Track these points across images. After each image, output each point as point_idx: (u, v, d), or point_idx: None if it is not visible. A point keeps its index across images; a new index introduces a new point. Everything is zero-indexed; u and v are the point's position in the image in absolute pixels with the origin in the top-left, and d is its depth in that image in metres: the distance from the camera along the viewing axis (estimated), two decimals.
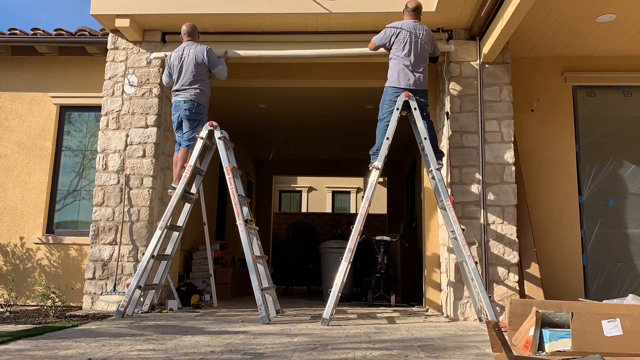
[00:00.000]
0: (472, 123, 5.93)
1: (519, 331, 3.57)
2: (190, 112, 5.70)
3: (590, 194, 6.37)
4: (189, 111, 5.70)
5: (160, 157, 6.27)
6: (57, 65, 7.20)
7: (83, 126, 7.20)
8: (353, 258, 5.10)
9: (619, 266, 6.23)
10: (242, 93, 8.06)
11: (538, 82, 6.58)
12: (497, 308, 5.43)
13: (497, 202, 5.74)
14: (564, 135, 6.48)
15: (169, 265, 5.92)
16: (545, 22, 5.78)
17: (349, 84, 7.12)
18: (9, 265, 6.76)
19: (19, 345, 3.56)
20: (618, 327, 3.16)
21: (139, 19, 6.18)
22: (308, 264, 10.04)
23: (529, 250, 5.86)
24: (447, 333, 4.42)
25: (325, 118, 9.23)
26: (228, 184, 5.49)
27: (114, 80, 6.36)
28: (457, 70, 6.04)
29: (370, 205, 5.18)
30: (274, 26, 6.22)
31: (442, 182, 5.25)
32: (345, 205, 22.23)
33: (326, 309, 4.87)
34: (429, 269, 6.39)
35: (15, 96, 7.19)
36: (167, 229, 5.52)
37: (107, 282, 5.92)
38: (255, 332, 4.25)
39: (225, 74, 5.93)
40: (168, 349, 3.44)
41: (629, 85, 6.55)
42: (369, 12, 5.88)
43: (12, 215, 6.90)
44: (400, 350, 3.46)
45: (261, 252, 5.75)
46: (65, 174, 7.08)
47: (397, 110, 5.34)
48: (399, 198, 12.67)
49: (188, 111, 5.70)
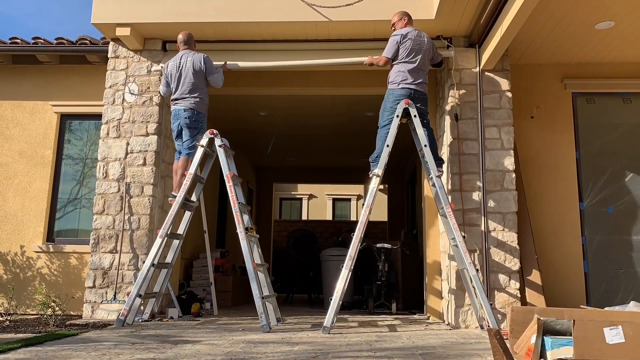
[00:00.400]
0: (472, 130, 5.93)
1: (521, 339, 3.55)
2: (190, 121, 5.71)
3: (591, 201, 6.37)
4: (189, 119, 5.71)
5: (161, 165, 6.27)
6: (58, 73, 7.22)
7: (84, 134, 7.21)
8: (354, 266, 5.09)
9: (620, 273, 6.22)
10: (242, 101, 8.08)
11: (538, 89, 6.60)
12: (498, 315, 5.42)
13: (497, 209, 5.74)
14: (564, 141, 6.49)
15: (169, 273, 5.91)
16: (545, 29, 5.80)
17: (348, 92, 7.14)
18: (9, 274, 6.75)
19: (19, 354, 3.54)
20: (620, 335, 3.14)
21: (139, 27, 6.21)
22: (309, 272, 10.02)
23: (529, 257, 5.85)
24: (448, 341, 4.41)
25: (326, 125, 9.24)
26: (228, 192, 5.49)
27: (114, 88, 6.38)
28: (456, 77, 6.06)
29: (371, 212, 5.18)
30: (274, 35, 6.25)
31: (442, 190, 5.25)
32: (345, 212, 22.22)
33: (327, 317, 4.85)
34: (430, 277, 6.38)
35: (16, 105, 7.21)
36: (167, 237, 5.52)
37: (107, 291, 5.91)
38: (256, 341, 4.24)
39: (221, 83, 5.92)
40: (168, 357, 3.43)
41: (629, 92, 6.56)
42: (369, 20, 5.90)
43: (13, 223, 6.90)
44: (401, 359, 3.45)
45: (262, 260, 5.74)
46: (66, 182, 7.08)
47: (397, 117, 5.35)
48: (400, 205, 12.66)
49: (188, 119, 5.71)
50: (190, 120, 5.71)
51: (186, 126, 5.73)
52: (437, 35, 6.09)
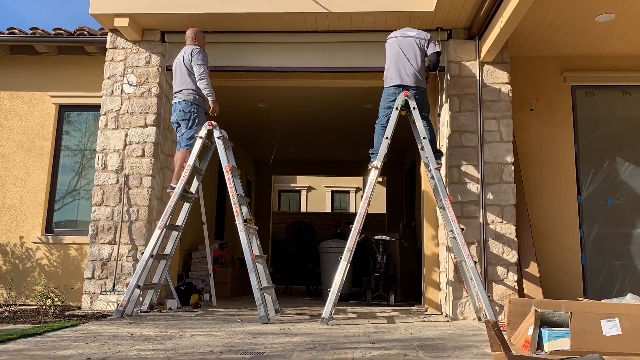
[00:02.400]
0: (471, 122, 5.93)
1: (518, 330, 3.57)
2: (183, 113, 5.71)
3: (589, 194, 6.38)
4: (182, 112, 5.71)
5: (160, 156, 6.26)
6: (56, 64, 7.19)
7: (82, 126, 7.19)
8: (352, 257, 5.10)
9: (617, 265, 6.24)
10: (241, 92, 8.05)
11: (537, 82, 6.58)
12: (496, 307, 5.44)
13: (496, 202, 5.75)
14: (563, 134, 6.49)
15: (168, 264, 5.92)
16: (545, 21, 5.78)
17: (348, 84, 7.11)
18: (8, 264, 6.76)
19: (18, 345, 3.55)
20: (617, 327, 3.16)
21: (138, 18, 6.18)
22: (307, 264, 10.05)
23: (528, 249, 5.87)
24: (446, 332, 4.43)
25: (325, 117, 9.22)
26: (227, 184, 5.49)
27: (113, 79, 6.36)
28: (456, 69, 6.04)
29: (370, 204, 5.18)
30: (273, 26, 6.22)
31: (441, 182, 5.25)
32: (344, 204, 22.23)
33: (325, 308, 4.87)
34: (428, 269, 6.40)
35: (14, 95, 7.19)
36: (166, 229, 5.52)
37: (106, 282, 5.92)
38: (254, 332, 4.25)
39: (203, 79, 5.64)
40: (167, 348, 3.44)
41: (628, 84, 6.55)
42: (368, 12, 5.87)
43: (11, 214, 6.90)
44: (399, 350, 3.46)
45: (260, 251, 5.75)
46: (64, 173, 7.07)
47: (397, 109, 5.34)
48: (398, 197, 12.67)
49: (182, 112, 5.71)
50: (183, 112, 5.72)
51: (181, 118, 5.74)
52: (436, 27, 6.07)
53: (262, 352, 3.34)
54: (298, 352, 3.32)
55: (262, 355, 3.23)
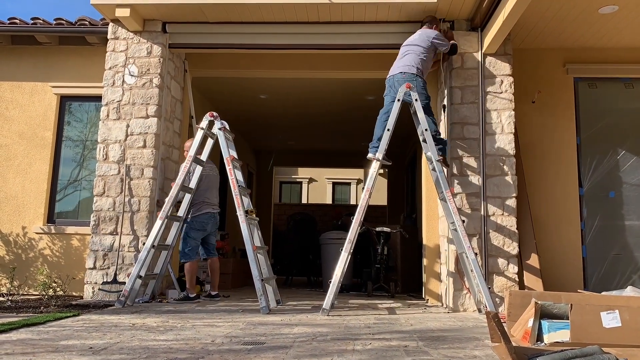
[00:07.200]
0: (473, 114, 5.91)
1: (518, 322, 3.59)
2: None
3: (590, 186, 6.37)
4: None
5: (161, 147, 6.26)
6: (58, 55, 7.18)
7: (83, 116, 7.19)
8: (353, 249, 5.11)
9: (618, 258, 6.24)
10: (242, 83, 8.04)
11: (539, 74, 6.56)
12: (496, 299, 5.45)
13: (497, 194, 5.74)
14: (565, 127, 6.47)
15: (169, 255, 5.95)
16: (548, 13, 5.75)
17: (349, 75, 7.10)
18: (11, 254, 6.79)
19: (20, 334, 3.58)
20: (617, 319, 3.17)
21: (139, 8, 6.15)
22: (308, 255, 10.07)
23: (528, 241, 5.87)
24: (446, 324, 4.44)
25: (326, 109, 9.21)
26: (228, 175, 5.49)
27: (114, 70, 6.34)
28: (458, 61, 6.02)
29: (371, 196, 5.19)
30: (275, 16, 6.19)
31: (442, 174, 5.25)
32: (345, 196, 22.25)
33: (326, 299, 4.89)
34: (429, 260, 6.41)
35: (16, 86, 7.18)
36: (167, 219, 5.54)
37: (108, 272, 5.94)
38: (255, 322, 4.27)
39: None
40: (168, 338, 3.46)
41: (631, 77, 6.53)
42: (371, 3, 5.84)
43: (13, 205, 6.91)
44: (399, 341, 3.48)
45: (261, 242, 5.76)
46: (66, 164, 7.08)
47: (399, 101, 5.33)
48: (399, 189, 12.67)
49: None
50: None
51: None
52: (439, 19, 6.03)
53: (263, 342, 3.35)
54: (299, 343, 3.33)
55: (262, 345, 3.25)
